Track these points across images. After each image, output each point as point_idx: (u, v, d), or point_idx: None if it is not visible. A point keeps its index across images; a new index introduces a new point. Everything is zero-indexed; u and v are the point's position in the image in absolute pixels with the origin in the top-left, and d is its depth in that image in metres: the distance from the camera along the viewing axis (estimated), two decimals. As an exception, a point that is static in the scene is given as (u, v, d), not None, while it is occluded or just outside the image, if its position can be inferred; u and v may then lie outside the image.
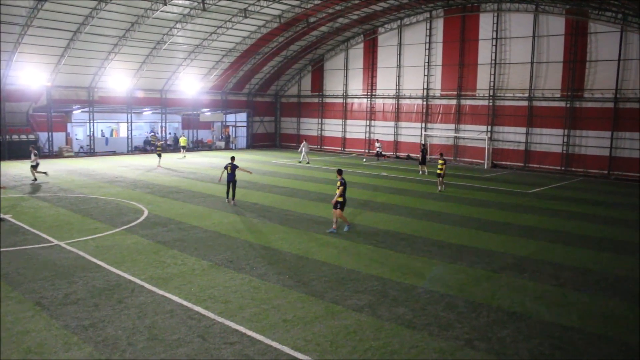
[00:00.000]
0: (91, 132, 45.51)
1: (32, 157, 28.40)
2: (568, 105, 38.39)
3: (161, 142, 40.51)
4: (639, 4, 31.14)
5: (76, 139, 46.99)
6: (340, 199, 18.06)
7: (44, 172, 29.44)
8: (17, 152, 38.63)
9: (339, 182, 18.15)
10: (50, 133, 42.70)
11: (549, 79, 39.21)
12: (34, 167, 28.32)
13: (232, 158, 24.19)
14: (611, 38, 36.00)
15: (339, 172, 18.79)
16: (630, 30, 35.09)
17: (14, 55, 37.00)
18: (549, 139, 39.66)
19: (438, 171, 28.46)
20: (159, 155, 37.50)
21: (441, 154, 29.94)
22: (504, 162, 41.80)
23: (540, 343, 9.80)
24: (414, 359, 9.06)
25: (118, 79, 44.31)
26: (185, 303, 11.28)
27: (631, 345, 9.88)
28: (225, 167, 23.51)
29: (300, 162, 42.02)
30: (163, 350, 9.09)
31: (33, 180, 28.13)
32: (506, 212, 23.02)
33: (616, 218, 22.33)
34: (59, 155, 42.71)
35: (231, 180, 23.33)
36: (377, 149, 44.43)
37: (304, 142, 43.68)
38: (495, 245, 16.97)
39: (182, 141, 47.21)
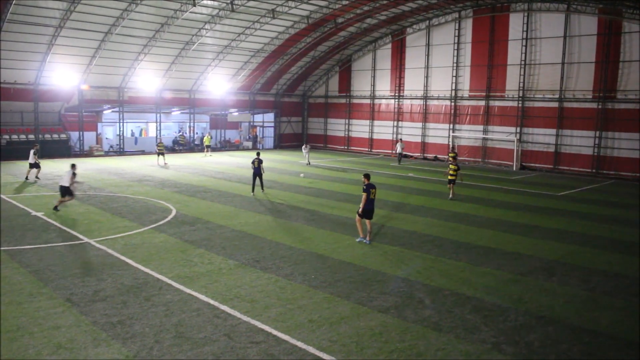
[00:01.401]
0: (121, 132, 46.21)
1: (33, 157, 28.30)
2: (600, 107, 37.68)
3: (162, 143, 40.71)
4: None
5: (106, 138, 47.75)
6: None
7: (37, 178, 28.86)
8: (50, 151, 39.50)
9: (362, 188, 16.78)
10: (81, 132, 43.48)
11: (580, 80, 38.53)
12: (34, 167, 28.23)
13: (258, 153, 26.26)
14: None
15: (366, 176, 17.08)
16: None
17: (47, 56, 37.78)
18: (580, 141, 38.96)
19: (450, 177, 25.91)
20: (161, 154, 38.75)
21: (454, 158, 28.77)
22: (533, 164, 41.21)
23: (569, 348, 9.64)
24: (440, 362, 9.00)
25: (147, 79, 44.95)
26: (211, 302, 11.38)
27: (664, 352, 9.66)
28: (253, 162, 25.50)
29: (308, 164, 40.44)
30: (189, 348, 9.18)
31: (35, 179, 28.47)
32: (535, 214, 22.69)
33: (649, 222, 21.84)
34: (89, 154, 43.46)
35: (257, 174, 25.28)
36: (398, 151, 43.07)
37: (306, 144, 42.34)
38: (523, 248, 16.74)
39: (207, 140, 47.94)
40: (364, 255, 15.42)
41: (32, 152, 28.42)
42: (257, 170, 25.21)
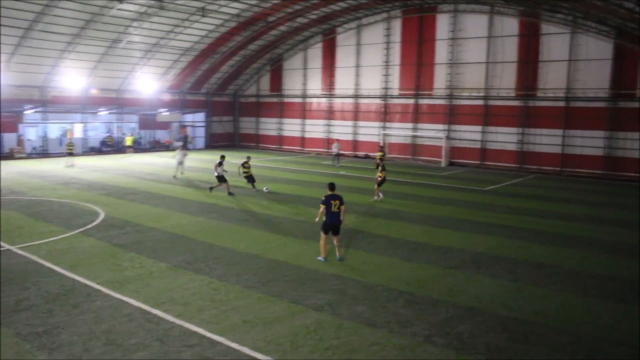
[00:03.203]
0: (44, 133, 44.29)
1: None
2: (522, 104, 39.32)
3: (72, 144, 39.81)
4: (588, 6, 32.11)
5: (28, 140, 45.66)
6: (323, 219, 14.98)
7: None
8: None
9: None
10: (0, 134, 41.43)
11: (504, 79, 40.03)
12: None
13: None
14: (562, 39, 37.02)
15: (329, 186, 15.10)
16: (580, 32, 36.18)
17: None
18: (504, 137, 40.51)
19: (379, 178, 25.28)
20: (70, 155, 38.34)
21: (378, 164, 27.18)
22: (460, 160, 42.50)
23: (496, 337, 10.03)
24: (375, 357, 9.15)
25: (73, 78, 43.27)
26: (143, 306, 11.12)
27: (581, 334, 10.20)
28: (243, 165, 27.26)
29: (174, 177, 31.55)
30: (121, 355, 8.94)
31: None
32: (463, 209, 23.42)
33: (568, 213, 22.98)
34: (10, 156, 41.44)
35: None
36: (335, 152, 42.04)
37: (180, 149, 33.35)
38: (452, 242, 17.25)
39: (128, 140, 46.82)
40: (297, 254, 15.48)
41: None
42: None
